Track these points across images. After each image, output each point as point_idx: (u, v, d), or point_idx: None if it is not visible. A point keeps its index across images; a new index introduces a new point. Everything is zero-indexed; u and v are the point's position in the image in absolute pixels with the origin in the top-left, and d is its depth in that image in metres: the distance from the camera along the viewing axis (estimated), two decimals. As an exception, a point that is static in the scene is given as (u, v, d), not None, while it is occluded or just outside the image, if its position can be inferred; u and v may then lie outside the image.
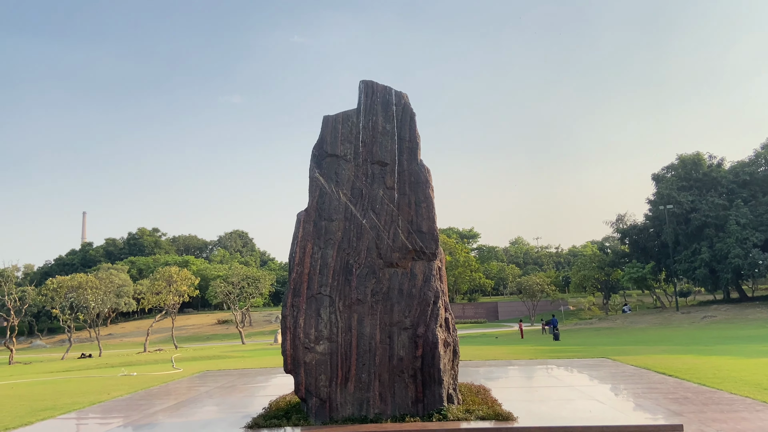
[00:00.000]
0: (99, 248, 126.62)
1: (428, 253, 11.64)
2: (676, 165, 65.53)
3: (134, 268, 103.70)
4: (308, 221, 11.71)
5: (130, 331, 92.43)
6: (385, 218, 11.71)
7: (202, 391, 16.93)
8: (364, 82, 12.29)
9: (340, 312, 11.33)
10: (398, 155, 11.99)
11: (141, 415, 12.82)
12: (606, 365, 20.26)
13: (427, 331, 11.12)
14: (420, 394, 11.01)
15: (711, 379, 16.24)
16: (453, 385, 11.67)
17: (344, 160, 12.00)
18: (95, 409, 14.80)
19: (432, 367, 10.99)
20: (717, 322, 50.10)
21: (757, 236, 56.88)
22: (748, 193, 60.98)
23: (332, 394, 11.05)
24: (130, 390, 18.44)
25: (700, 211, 59.37)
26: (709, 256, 58.10)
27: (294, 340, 11.22)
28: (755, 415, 11.37)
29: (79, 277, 56.82)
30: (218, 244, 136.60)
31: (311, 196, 11.90)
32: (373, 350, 11.18)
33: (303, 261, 11.53)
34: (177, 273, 58.01)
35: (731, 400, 13.07)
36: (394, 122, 12.10)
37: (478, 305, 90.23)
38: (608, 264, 72.30)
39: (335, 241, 11.63)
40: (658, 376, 17.29)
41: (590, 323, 60.74)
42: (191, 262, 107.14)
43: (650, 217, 66.89)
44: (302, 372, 11.12)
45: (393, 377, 11.10)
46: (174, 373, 24.54)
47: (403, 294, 11.40)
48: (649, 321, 55.68)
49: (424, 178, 11.92)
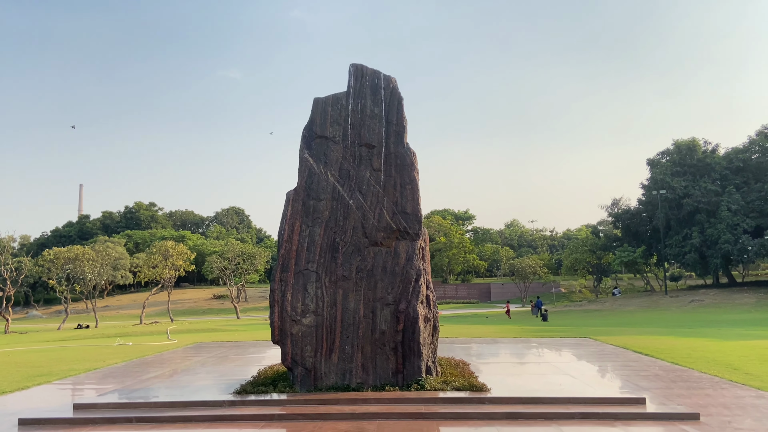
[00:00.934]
0: (96, 221, 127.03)
1: (412, 233, 12.15)
2: (671, 150, 65.88)
3: (131, 242, 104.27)
4: (297, 200, 12.19)
5: (126, 304, 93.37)
6: (371, 199, 12.19)
7: (196, 360, 17.57)
8: (354, 65, 12.66)
9: (326, 287, 11.87)
10: (385, 138, 12.42)
11: (135, 381, 13.44)
12: (587, 344, 20.96)
13: (408, 307, 11.68)
14: (400, 366, 11.61)
15: (685, 358, 16.93)
16: (432, 358, 12.28)
17: (333, 142, 12.44)
18: (90, 375, 15.42)
19: (412, 341, 11.58)
20: (704, 306, 51.01)
21: (748, 222, 57.53)
22: (741, 180, 61.47)
23: (317, 364, 11.65)
24: (125, 358, 19.08)
25: (693, 196, 59.91)
26: (700, 242, 58.81)
27: (282, 313, 11.78)
28: (718, 392, 12.03)
29: (76, 249, 57.34)
30: (215, 220, 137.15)
31: (300, 176, 12.35)
32: (356, 324, 11.75)
33: (291, 238, 12.03)
34: (173, 247, 58.56)
35: (699, 378, 13.74)
36: (382, 106, 12.51)
37: (471, 286, 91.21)
38: (600, 247, 73.06)
39: (323, 219, 12.12)
40: (634, 355, 17.98)
41: (580, 305, 61.69)
42: (188, 237, 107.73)
43: (643, 202, 67.44)
44: (289, 343, 11.70)
45: (375, 349, 11.69)
46: (169, 343, 25.21)
47: (387, 272, 11.93)
48: (637, 304, 56.62)
49: (410, 161, 12.37)
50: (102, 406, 10.75)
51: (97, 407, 10.71)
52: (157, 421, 9.93)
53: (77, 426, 9.92)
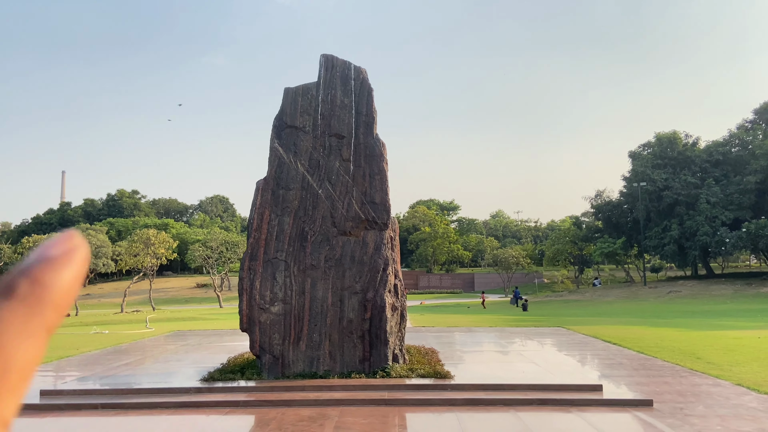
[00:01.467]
0: (77, 208, 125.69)
1: (380, 223, 12.29)
2: (652, 143, 66.58)
3: (113, 230, 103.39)
4: (266, 189, 12.26)
5: (108, 292, 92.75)
6: (341, 189, 12.30)
7: (169, 348, 17.64)
8: (324, 55, 12.72)
9: (294, 276, 11.99)
10: (355, 129, 12.51)
11: (105, 368, 13.50)
12: (559, 334, 21.31)
13: (376, 296, 11.84)
14: (367, 354, 11.79)
15: (652, 347, 17.31)
16: (399, 346, 12.47)
17: (303, 132, 12.51)
18: (62, 363, 15.44)
19: (379, 329, 11.76)
20: (681, 297, 51.88)
21: (727, 215, 58.45)
22: (720, 173, 62.34)
23: (285, 352, 11.79)
24: (99, 347, 19.09)
25: (673, 189, 60.69)
26: (679, 233, 59.67)
27: (250, 301, 11.89)
28: (677, 380, 12.36)
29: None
30: (199, 208, 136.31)
31: (270, 166, 12.42)
32: (324, 312, 11.90)
33: (260, 227, 12.12)
34: (155, 236, 58.25)
35: (661, 367, 14.09)
36: (352, 96, 12.58)
37: (455, 276, 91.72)
38: (581, 239, 73.80)
39: (292, 209, 12.21)
40: (603, 344, 18.35)
41: (561, 296, 62.42)
42: (171, 225, 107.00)
43: (624, 194, 68.16)
44: (257, 331, 11.82)
45: (343, 337, 11.85)
46: (146, 332, 25.21)
47: (355, 261, 12.08)
48: (616, 294, 57.43)
49: (379, 151, 12.48)
50: (68, 392, 10.82)
51: (63, 393, 10.78)
52: (122, 407, 10.03)
53: (43, 412, 9.99)
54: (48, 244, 0.39)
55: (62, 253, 0.38)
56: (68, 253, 0.38)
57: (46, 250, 0.38)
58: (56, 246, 0.39)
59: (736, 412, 9.48)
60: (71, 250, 0.39)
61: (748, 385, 11.65)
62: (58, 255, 0.38)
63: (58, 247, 0.39)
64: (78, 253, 0.39)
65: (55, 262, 0.38)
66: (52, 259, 0.37)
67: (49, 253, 0.38)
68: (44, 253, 0.38)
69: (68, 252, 0.38)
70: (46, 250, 0.38)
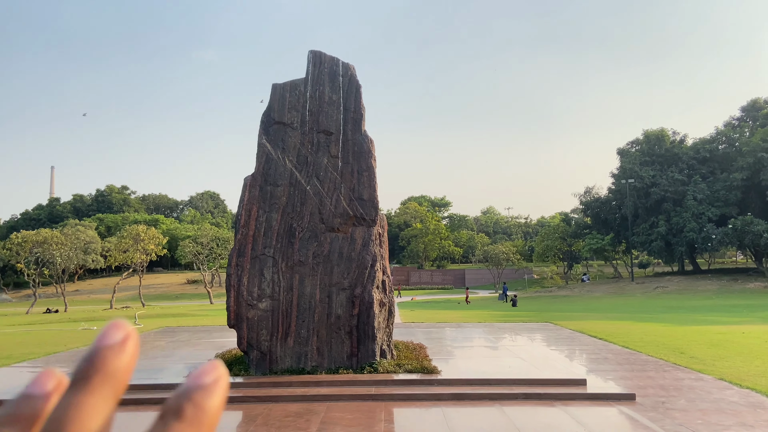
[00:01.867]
0: (66, 204, 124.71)
1: (368, 219, 12.35)
2: (641, 140, 67.08)
3: (102, 225, 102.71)
4: (254, 186, 12.28)
5: (97, 288, 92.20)
6: (329, 185, 12.34)
7: (157, 344, 17.63)
8: (312, 52, 12.73)
9: (282, 272, 12.03)
10: (343, 125, 12.55)
11: (93, 365, 13.48)
12: (547, 329, 21.49)
13: (363, 292, 11.91)
14: (355, 349, 11.87)
15: (636, 342, 17.52)
16: (387, 342, 12.55)
17: (291, 128, 12.53)
18: (50, 359, 15.41)
19: (367, 325, 11.83)
20: (668, 293, 52.40)
21: (713, 211, 59.04)
22: (707, 170, 62.94)
23: (272, 348, 11.84)
24: (87, 343, 19.03)
25: (660, 185, 61.21)
26: (666, 230, 60.22)
27: (237, 297, 11.92)
28: (660, 375, 12.54)
29: (45, 233, 56.43)
30: (189, 204, 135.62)
31: (258, 162, 12.44)
32: (312, 308, 11.95)
33: (248, 223, 12.14)
34: (144, 231, 57.97)
35: (645, 361, 14.28)
36: (340, 93, 12.62)
37: (446, 272, 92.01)
38: (571, 235, 74.28)
39: (280, 205, 12.24)
40: (589, 339, 18.54)
41: (550, 291, 62.83)
42: (161, 221, 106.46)
43: (613, 191, 68.67)
44: (245, 327, 11.86)
45: (330, 333, 11.92)
46: (135, 328, 25.12)
47: (343, 257, 12.13)
48: (605, 290, 57.89)
49: (367, 148, 12.53)
50: (55, 388, 10.80)
51: (51, 390, 10.76)
52: (109, 403, 10.03)
53: (29, 408, 9.97)
54: (201, 372, 0.46)
55: (214, 381, 0.46)
56: (218, 382, 0.46)
57: (201, 377, 0.46)
58: (209, 375, 0.46)
59: (717, 406, 9.65)
60: (220, 379, 0.46)
61: (730, 379, 11.84)
62: (211, 383, 0.46)
63: (211, 376, 0.46)
64: (224, 382, 0.47)
65: (209, 389, 0.45)
66: (207, 387, 0.45)
67: (204, 381, 0.45)
68: (200, 380, 0.46)
69: (218, 381, 0.46)
70: (202, 377, 0.46)
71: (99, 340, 0.47)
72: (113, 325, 0.49)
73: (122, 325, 0.49)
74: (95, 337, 0.47)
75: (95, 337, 0.47)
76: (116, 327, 0.48)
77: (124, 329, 0.49)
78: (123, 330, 0.48)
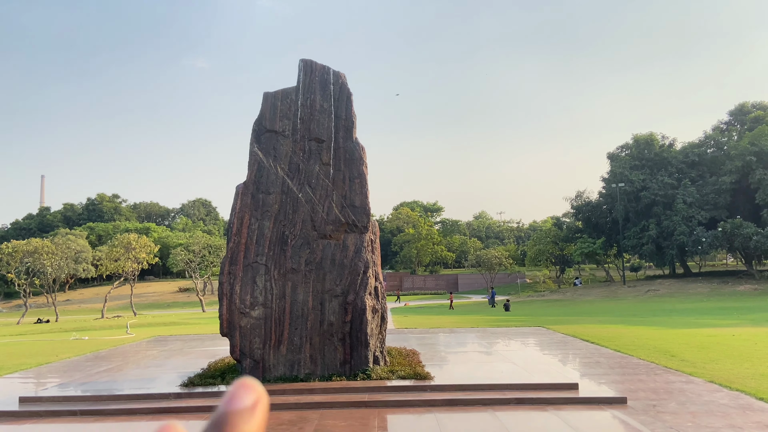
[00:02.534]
0: (57, 213, 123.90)
1: (360, 226, 12.40)
2: (630, 144, 67.62)
3: (93, 234, 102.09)
4: (246, 194, 12.31)
5: (88, 298, 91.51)
6: (321, 192, 12.39)
7: (150, 354, 17.55)
8: (303, 60, 12.80)
9: (275, 280, 12.04)
10: (334, 133, 12.61)
11: (84, 375, 13.41)
12: (539, 333, 21.58)
13: (356, 299, 11.94)
14: (348, 356, 11.89)
15: (628, 346, 17.63)
16: (380, 348, 12.59)
17: (282, 136, 12.57)
18: (41, 369, 15.30)
19: (360, 332, 11.86)
20: (659, 296, 52.70)
21: (703, 215, 59.54)
22: (696, 174, 63.51)
23: (265, 356, 11.84)
24: (78, 353, 18.92)
25: (650, 189, 61.70)
26: (656, 233, 60.66)
27: (230, 306, 11.91)
28: (651, 378, 12.64)
29: (35, 242, 56.00)
30: (181, 212, 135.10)
31: (250, 170, 12.47)
32: (305, 315, 11.97)
33: (240, 231, 12.16)
34: (136, 240, 57.65)
35: (636, 365, 14.38)
36: (331, 101, 12.68)
37: (439, 277, 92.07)
38: (562, 239, 74.63)
39: (272, 213, 12.27)
40: (581, 343, 18.64)
41: (542, 295, 63.02)
42: (152, 229, 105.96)
43: (603, 195, 69.13)
44: (237, 335, 11.85)
45: (323, 340, 11.93)
46: (126, 337, 25.02)
47: (335, 264, 12.17)
48: (596, 294, 58.17)
49: (359, 155, 12.60)
50: (47, 399, 10.76)
51: (42, 400, 10.71)
52: (101, 414, 10.01)
53: (22, 419, 9.93)
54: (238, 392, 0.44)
55: (254, 404, 0.44)
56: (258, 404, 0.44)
57: (239, 400, 0.44)
58: (247, 396, 0.44)
59: (707, 409, 9.74)
60: (260, 401, 0.45)
61: (720, 382, 11.95)
62: (251, 406, 0.44)
63: (249, 397, 0.44)
64: (265, 404, 0.46)
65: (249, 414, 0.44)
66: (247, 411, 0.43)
67: (243, 404, 0.44)
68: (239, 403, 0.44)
69: (258, 402, 0.44)
70: (240, 400, 0.44)
71: (227, 404, 0.44)
72: (242, 385, 0.45)
73: (252, 385, 0.46)
74: (223, 399, 0.44)
75: (223, 399, 0.44)
76: (245, 388, 0.45)
77: (254, 391, 0.45)
78: (253, 392, 0.45)
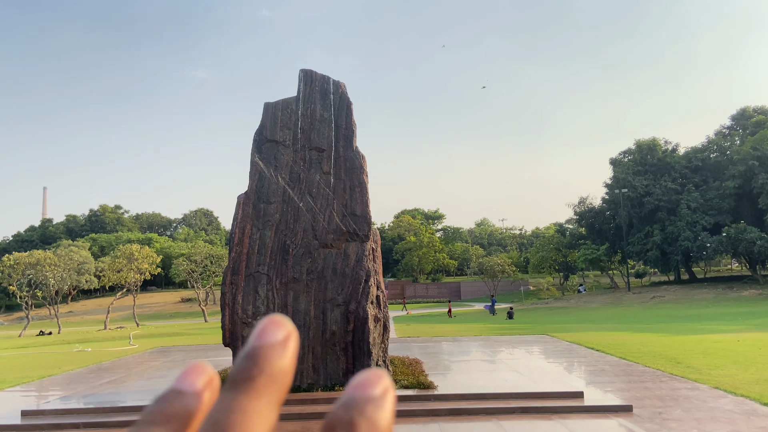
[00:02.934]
0: (59, 225, 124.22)
1: (361, 234, 12.37)
2: (633, 150, 67.58)
3: (96, 246, 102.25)
4: (248, 203, 12.31)
5: (91, 309, 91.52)
6: (321, 202, 12.37)
7: (152, 365, 17.50)
8: (303, 70, 12.83)
9: (276, 289, 12.01)
10: (335, 142, 12.62)
11: (86, 387, 13.37)
12: (543, 341, 21.46)
13: (358, 308, 11.89)
14: (350, 366, 11.82)
15: (634, 353, 17.51)
16: (383, 357, 12.51)
17: (283, 146, 12.59)
18: (44, 382, 15.26)
19: (362, 341, 11.80)
20: (664, 302, 52.46)
21: (707, 220, 59.40)
22: (700, 179, 63.42)
23: (268, 366, 11.76)
24: (81, 365, 18.88)
25: (654, 195, 61.59)
26: (661, 239, 60.49)
27: (232, 316, 11.88)
28: (656, 385, 12.54)
29: (37, 254, 56.11)
30: (182, 222, 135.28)
31: (251, 180, 12.47)
32: (307, 325, 11.92)
33: (242, 241, 12.14)
34: (138, 251, 57.73)
35: (642, 372, 14.28)
36: (331, 110, 12.70)
37: (441, 285, 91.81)
38: (566, 246, 74.45)
39: (273, 222, 12.26)
40: (586, 350, 18.52)
41: (546, 303, 62.81)
42: (154, 239, 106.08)
43: (607, 201, 69.03)
44: (240, 345, 11.80)
45: (326, 350, 11.88)
46: (129, 349, 24.96)
47: (337, 273, 12.13)
48: (601, 301, 57.93)
49: (359, 164, 12.59)
50: (49, 412, 10.71)
51: (45, 413, 10.67)
52: (104, 426, 9.96)
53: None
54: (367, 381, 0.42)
55: (383, 393, 0.41)
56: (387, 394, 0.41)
57: (368, 388, 0.41)
58: (376, 385, 0.41)
59: (712, 415, 9.66)
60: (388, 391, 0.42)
61: (725, 388, 11.85)
62: (380, 395, 0.41)
63: (379, 387, 0.42)
64: (393, 394, 0.43)
65: (379, 402, 0.41)
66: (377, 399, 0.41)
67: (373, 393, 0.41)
68: (368, 392, 0.41)
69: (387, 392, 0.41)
70: (369, 388, 0.41)
71: (259, 338, 0.43)
72: (272, 321, 0.44)
73: (282, 321, 0.44)
74: (253, 335, 0.43)
75: (253, 335, 0.43)
76: (276, 324, 0.44)
77: (285, 326, 0.44)
78: (284, 327, 0.44)
